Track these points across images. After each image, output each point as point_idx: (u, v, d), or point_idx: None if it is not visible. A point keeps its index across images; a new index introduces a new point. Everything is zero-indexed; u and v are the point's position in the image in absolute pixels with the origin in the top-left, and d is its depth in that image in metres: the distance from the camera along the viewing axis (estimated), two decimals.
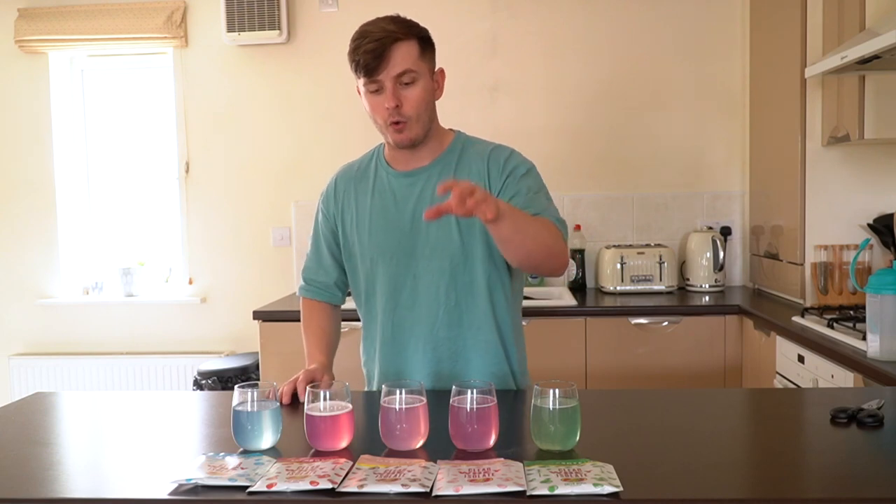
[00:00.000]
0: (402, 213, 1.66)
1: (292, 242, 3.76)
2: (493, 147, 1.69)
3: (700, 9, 3.58)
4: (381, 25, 1.56)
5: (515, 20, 3.63)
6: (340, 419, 1.26)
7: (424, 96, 1.60)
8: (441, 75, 1.67)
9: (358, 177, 1.75)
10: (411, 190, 1.67)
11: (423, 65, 1.59)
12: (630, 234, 3.66)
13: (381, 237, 1.67)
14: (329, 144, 3.75)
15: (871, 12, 2.42)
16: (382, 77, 1.55)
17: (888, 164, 2.82)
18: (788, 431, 1.41)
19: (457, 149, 1.69)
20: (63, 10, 3.74)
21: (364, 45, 1.54)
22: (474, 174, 1.65)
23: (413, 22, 1.61)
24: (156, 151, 3.97)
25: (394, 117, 1.58)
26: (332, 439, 1.25)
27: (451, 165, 1.67)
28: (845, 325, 2.34)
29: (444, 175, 1.65)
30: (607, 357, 3.08)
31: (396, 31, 1.55)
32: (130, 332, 3.88)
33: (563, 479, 1.06)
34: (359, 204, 1.71)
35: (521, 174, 1.63)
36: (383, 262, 1.67)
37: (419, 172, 1.67)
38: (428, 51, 1.62)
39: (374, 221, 1.68)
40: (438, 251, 1.64)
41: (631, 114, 3.63)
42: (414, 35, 1.58)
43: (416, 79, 1.57)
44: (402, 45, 1.55)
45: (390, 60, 1.54)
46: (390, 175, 1.70)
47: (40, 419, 1.55)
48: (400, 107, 1.57)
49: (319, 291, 1.79)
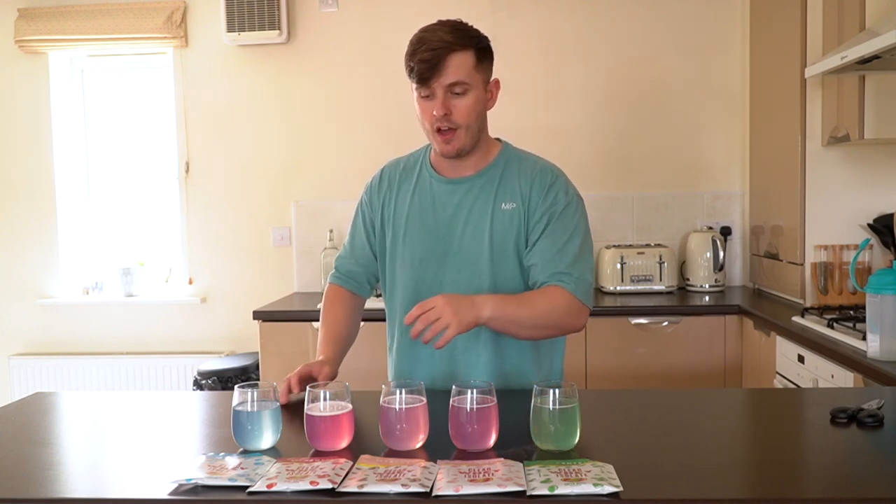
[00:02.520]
0: (439, 219, 1.66)
1: (292, 242, 3.76)
2: (539, 168, 1.66)
3: (700, 9, 3.58)
4: (439, 34, 1.54)
5: (515, 20, 3.63)
6: (340, 419, 1.26)
7: (475, 106, 1.59)
8: (496, 86, 1.66)
9: (403, 175, 1.73)
10: (451, 198, 1.66)
11: (478, 76, 1.58)
12: (630, 234, 3.66)
13: (415, 240, 1.67)
14: (329, 144, 3.75)
15: (871, 12, 2.42)
16: (434, 85, 1.55)
17: (888, 164, 2.82)
18: (788, 431, 1.41)
19: (501, 162, 1.67)
20: (63, 10, 3.74)
21: (420, 53, 1.53)
22: (516, 194, 1.63)
23: (473, 31, 1.60)
24: (156, 151, 3.97)
25: (442, 124, 1.57)
26: (332, 439, 1.25)
27: (495, 179, 1.65)
28: (845, 325, 2.34)
29: (487, 188, 1.64)
30: (607, 357, 3.07)
31: (453, 41, 1.54)
32: (130, 332, 3.87)
33: (563, 479, 1.06)
34: (398, 202, 1.71)
35: (559, 211, 1.61)
36: (412, 264, 1.67)
37: (462, 182, 1.66)
38: (485, 61, 1.60)
39: (411, 223, 1.68)
40: (468, 263, 1.63)
41: (631, 114, 3.63)
42: (472, 45, 1.57)
43: (467, 89, 1.56)
44: (457, 55, 1.54)
45: (444, 70, 1.53)
46: (433, 179, 1.69)
47: (40, 419, 1.55)
48: (449, 115, 1.56)
49: (347, 280, 1.78)
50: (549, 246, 1.59)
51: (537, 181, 1.64)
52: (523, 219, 1.62)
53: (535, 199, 1.62)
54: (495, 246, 1.62)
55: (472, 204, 1.64)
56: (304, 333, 3.14)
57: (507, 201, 1.63)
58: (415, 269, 1.66)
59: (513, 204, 1.63)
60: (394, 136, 3.66)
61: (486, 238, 1.62)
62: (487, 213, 1.63)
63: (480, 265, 1.62)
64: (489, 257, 1.62)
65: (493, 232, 1.62)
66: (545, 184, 1.63)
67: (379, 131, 3.69)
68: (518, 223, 1.62)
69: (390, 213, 1.72)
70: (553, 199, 1.62)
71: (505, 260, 1.62)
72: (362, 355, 1.80)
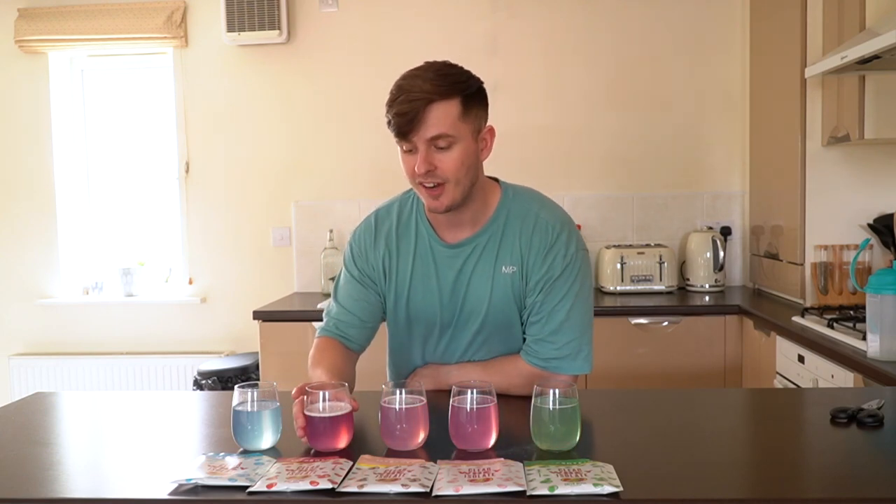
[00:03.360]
0: (442, 284, 1.59)
1: (292, 242, 3.76)
2: (540, 226, 1.56)
3: (700, 9, 3.58)
4: (418, 82, 1.42)
5: (515, 20, 3.62)
6: (340, 420, 1.26)
7: (463, 160, 1.46)
8: (490, 134, 1.54)
9: (399, 233, 1.63)
10: (454, 262, 1.59)
11: (465, 126, 1.45)
12: (630, 234, 3.66)
13: (419, 304, 1.61)
14: (329, 144, 3.75)
15: (871, 12, 2.42)
16: (415, 139, 1.44)
17: (888, 164, 2.82)
18: (788, 431, 1.41)
19: (502, 216, 1.57)
20: (63, 10, 3.74)
21: (397, 105, 1.43)
22: (516, 256, 1.56)
23: (461, 76, 1.47)
24: (156, 151, 3.97)
25: (426, 180, 1.46)
26: (331, 440, 1.25)
27: (497, 239, 1.57)
28: (845, 325, 2.34)
29: (489, 249, 1.56)
30: (607, 357, 3.07)
31: (433, 90, 1.41)
32: (130, 332, 3.87)
33: (563, 479, 1.06)
34: (400, 264, 1.62)
35: (554, 278, 1.53)
36: (417, 325, 1.64)
37: (463, 245, 1.58)
38: (473, 109, 1.47)
39: (414, 287, 1.61)
40: (472, 319, 1.60)
41: (631, 114, 3.63)
42: (457, 93, 1.44)
43: (452, 143, 1.44)
44: (438, 105, 1.42)
45: (423, 123, 1.42)
46: (433, 241, 1.60)
47: (40, 419, 1.55)
48: (433, 171, 1.45)
49: (339, 334, 1.64)
50: (536, 310, 1.55)
51: (535, 243, 1.55)
52: (521, 282, 1.57)
53: (533, 264, 1.54)
54: (495, 310, 1.58)
55: (474, 267, 1.57)
56: (304, 333, 3.13)
57: (508, 264, 1.56)
58: (421, 328, 1.64)
59: (513, 267, 1.56)
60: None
61: (486, 303, 1.58)
62: (487, 276, 1.57)
63: (486, 321, 1.59)
64: (490, 321, 1.59)
65: (493, 297, 1.57)
66: (545, 245, 1.54)
67: (379, 131, 3.61)
68: (517, 286, 1.57)
69: (393, 274, 1.63)
70: (550, 264, 1.54)
71: (503, 322, 1.59)
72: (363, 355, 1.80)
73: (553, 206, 1.62)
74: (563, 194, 3.57)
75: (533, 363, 1.55)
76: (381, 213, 1.67)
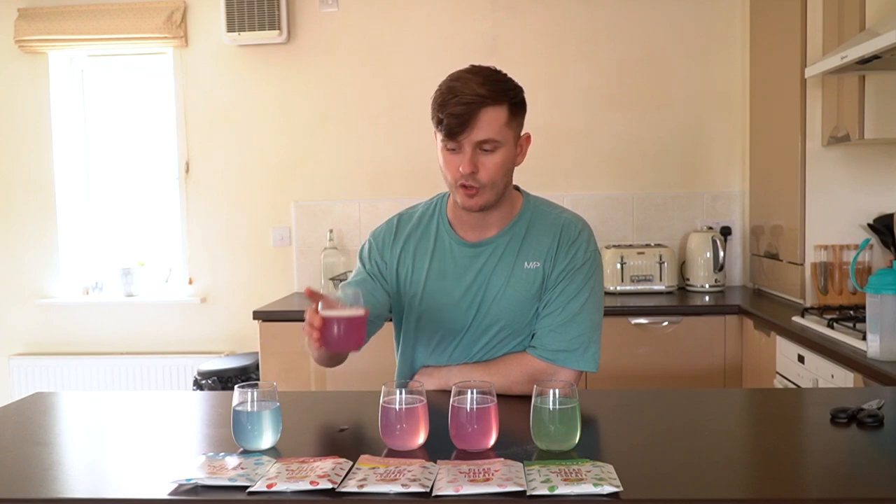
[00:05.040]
0: (459, 284, 1.60)
1: (292, 242, 3.76)
2: (564, 221, 1.62)
3: (700, 9, 3.58)
4: (472, 85, 1.46)
5: (515, 20, 3.62)
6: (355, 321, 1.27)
7: (503, 164, 1.51)
8: (527, 141, 1.59)
9: (419, 234, 1.66)
10: (473, 262, 1.60)
11: (509, 132, 1.51)
12: (630, 234, 3.66)
13: (432, 304, 1.62)
14: (329, 144, 3.75)
15: (871, 12, 2.42)
16: (463, 141, 1.47)
17: (888, 164, 2.82)
18: (788, 431, 1.41)
19: (526, 217, 1.63)
20: (63, 10, 3.74)
21: (451, 106, 1.45)
22: (542, 251, 1.59)
23: (509, 84, 1.52)
24: (156, 151, 3.97)
25: (467, 181, 1.50)
26: (347, 341, 1.26)
27: (519, 238, 1.60)
28: (845, 325, 2.34)
29: (511, 247, 1.60)
30: (607, 357, 3.03)
31: (487, 95, 1.46)
32: (130, 332, 3.88)
33: (563, 479, 1.06)
34: (416, 263, 1.64)
35: (577, 268, 1.57)
36: (429, 325, 1.64)
37: (485, 244, 1.61)
38: (517, 116, 1.54)
39: (429, 287, 1.62)
40: (486, 324, 1.60)
41: (631, 114, 3.63)
42: (506, 100, 1.49)
43: (497, 147, 1.49)
44: (490, 110, 1.46)
45: (475, 126, 1.46)
46: (454, 241, 1.62)
47: (40, 419, 1.55)
48: (475, 173, 1.49)
49: None
50: (552, 301, 1.57)
51: (563, 236, 1.60)
52: (545, 275, 1.58)
53: (557, 254, 1.58)
54: (514, 307, 1.58)
55: (495, 266, 1.59)
56: None
57: (531, 260, 1.59)
58: (432, 329, 1.63)
59: (536, 263, 1.58)
60: (394, 135, 3.67)
61: (504, 299, 1.58)
62: (507, 274, 1.59)
63: (500, 326, 1.60)
64: (508, 319, 1.59)
65: (513, 294, 1.58)
66: (569, 238, 1.59)
67: (379, 131, 3.69)
68: (539, 282, 1.58)
69: (407, 273, 1.64)
70: (574, 255, 1.58)
71: (522, 321, 1.59)
72: (364, 355, 1.79)
73: (571, 212, 1.68)
74: (563, 194, 3.57)
75: (540, 356, 1.56)
76: (404, 216, 1.71)
